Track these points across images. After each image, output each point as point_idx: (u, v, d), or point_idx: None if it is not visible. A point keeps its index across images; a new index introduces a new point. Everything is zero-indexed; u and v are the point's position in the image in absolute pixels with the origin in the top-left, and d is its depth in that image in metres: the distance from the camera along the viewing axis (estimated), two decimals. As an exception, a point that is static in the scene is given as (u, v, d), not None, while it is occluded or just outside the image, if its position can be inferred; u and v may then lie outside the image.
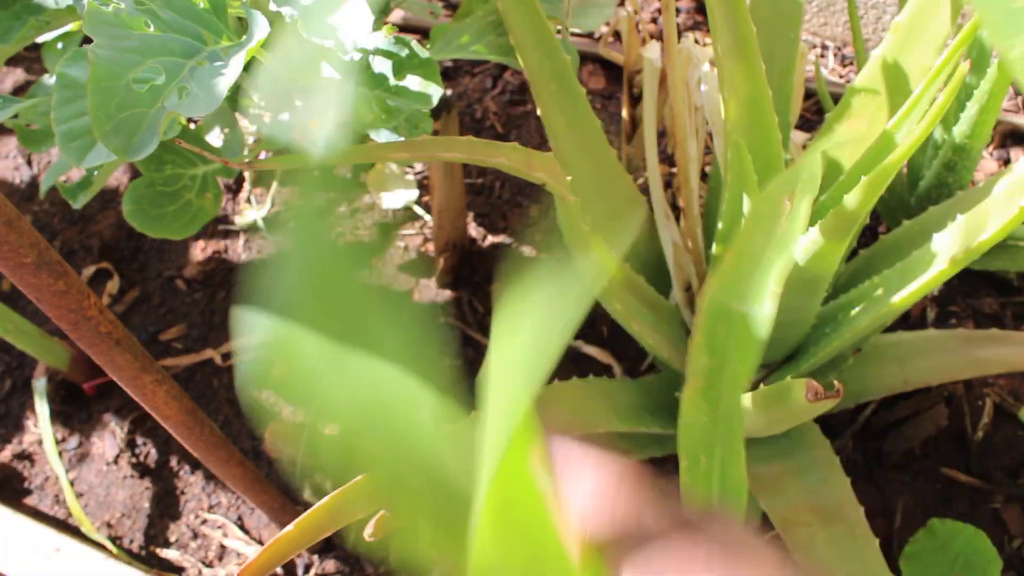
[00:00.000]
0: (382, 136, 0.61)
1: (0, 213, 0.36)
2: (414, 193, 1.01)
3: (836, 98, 1.01)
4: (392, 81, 0.54)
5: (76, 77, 0.48)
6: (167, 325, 0.94)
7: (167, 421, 0.54)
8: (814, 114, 1.05)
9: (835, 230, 0.55)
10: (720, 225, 0.64)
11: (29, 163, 1.08)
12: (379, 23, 0.58)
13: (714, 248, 0.68)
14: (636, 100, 0.81)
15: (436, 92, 0.53)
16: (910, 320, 0.90)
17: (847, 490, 0.70)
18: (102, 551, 0.79)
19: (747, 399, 0.56)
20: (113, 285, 0.96)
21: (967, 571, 0.71)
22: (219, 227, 1.00)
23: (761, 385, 0.55)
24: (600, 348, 0.88)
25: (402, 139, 0.58)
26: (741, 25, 0.57)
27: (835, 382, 0.55)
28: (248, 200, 1.02)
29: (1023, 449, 0.83)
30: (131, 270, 0.98)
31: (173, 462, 0.86)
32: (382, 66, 0.55)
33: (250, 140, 0.98)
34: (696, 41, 0.71)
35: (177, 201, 0.66)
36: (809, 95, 1.05)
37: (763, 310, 0.46)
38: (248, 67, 0.50)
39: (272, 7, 0.50)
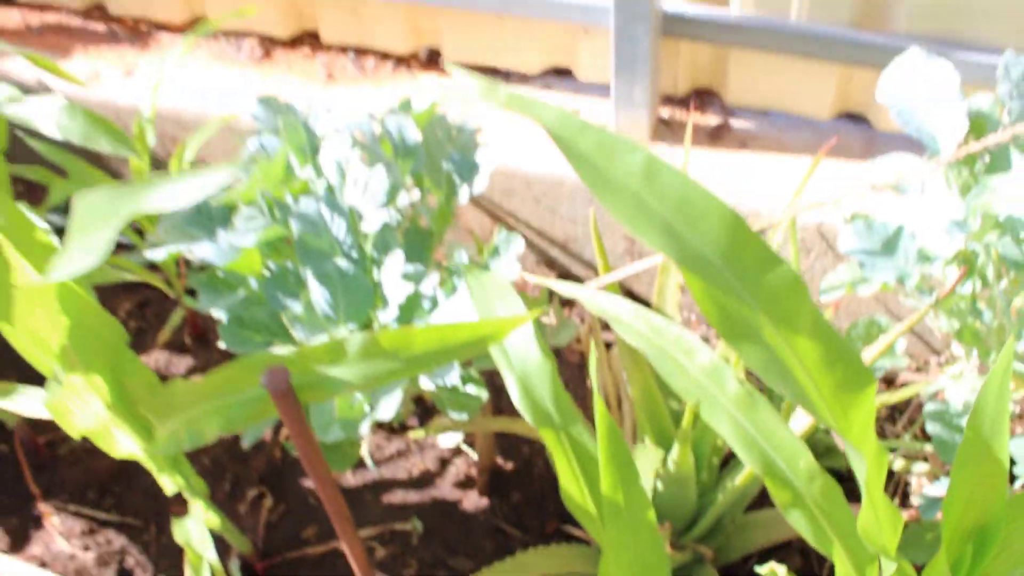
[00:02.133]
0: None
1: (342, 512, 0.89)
2: (460, 436, 1.55)
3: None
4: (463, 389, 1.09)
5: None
6: (306, 525, 1.45)
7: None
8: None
9: (684, 460, 1.08)
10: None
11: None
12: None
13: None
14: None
15: (485, 394, 1.08)
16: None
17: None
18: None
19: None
20: (268, 502, 1.49)
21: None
22: (334, 461, 1.54)
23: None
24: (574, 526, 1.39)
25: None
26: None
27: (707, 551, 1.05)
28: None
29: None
30: (279, 490, 1.50)
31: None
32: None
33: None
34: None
35: (341, 450, 1.19)
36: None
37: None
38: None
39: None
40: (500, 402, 1.52)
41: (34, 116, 1.11)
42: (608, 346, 1.48)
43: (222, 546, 1.41)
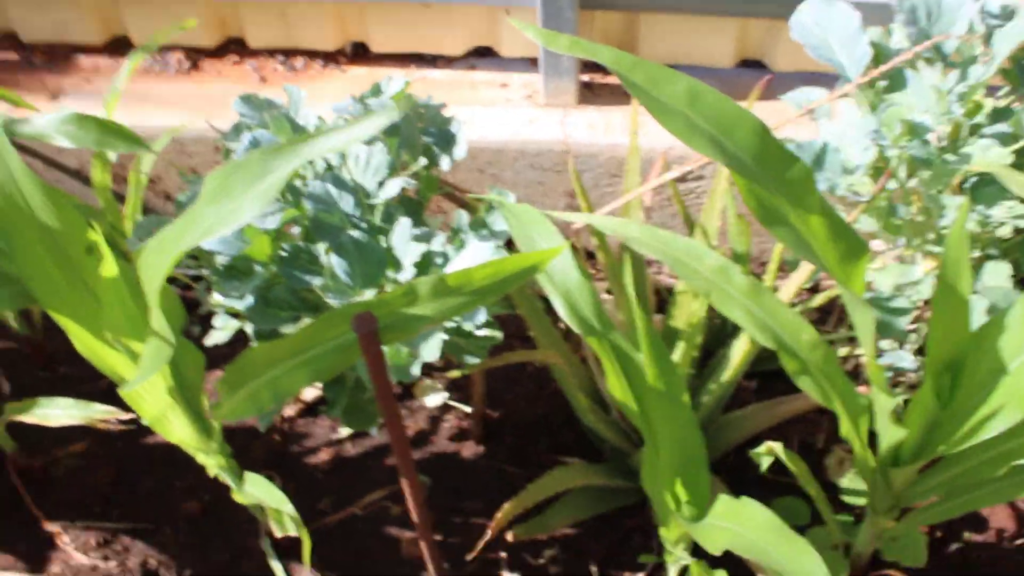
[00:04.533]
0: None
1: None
2: (446, 395, 1.67)
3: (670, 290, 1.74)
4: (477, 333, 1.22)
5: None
6: (319, 498, 1.55)
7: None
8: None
9: (684, 361, 1.25)
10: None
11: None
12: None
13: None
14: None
15: (499, 335, 1.21)
16: (743, 399, 1.59)
17: (723, 487, 1.38)
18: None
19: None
20: (278, 482, 1.57)
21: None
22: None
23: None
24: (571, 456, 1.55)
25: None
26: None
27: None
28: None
29: (817, 464, 1.52)
30: (286, 471, 1.59)
31: None
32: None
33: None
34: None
35: (366, 410, 1.30)
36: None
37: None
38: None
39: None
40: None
41: (44, 129, 1.18)
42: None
43: (254, 525, 1.50)
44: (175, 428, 1.16)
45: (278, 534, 1.20)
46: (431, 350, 1.12)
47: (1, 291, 1.05)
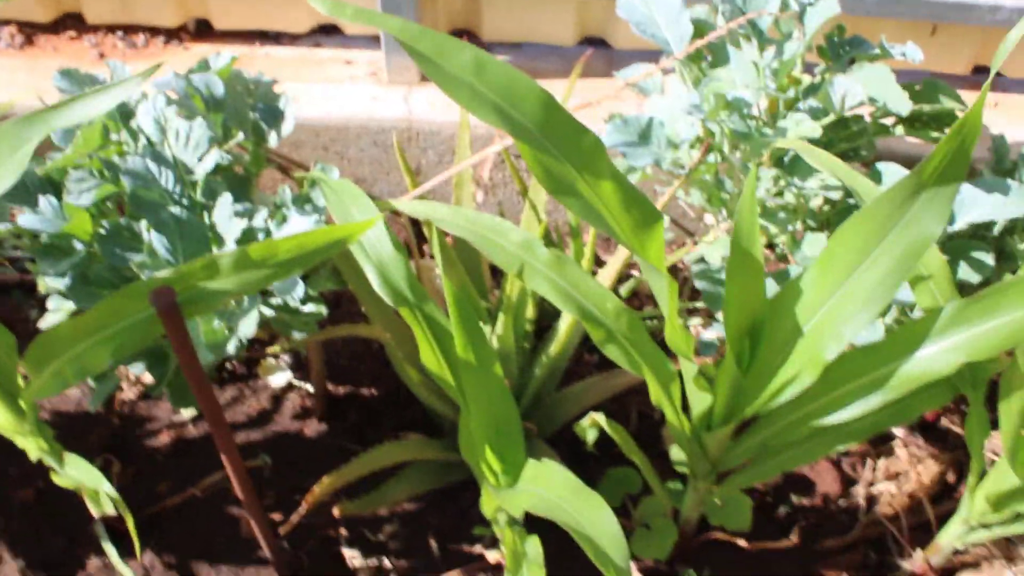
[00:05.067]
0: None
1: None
2: (290, 374, 1.66)
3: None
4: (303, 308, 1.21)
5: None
6: (158, 482, 1.52)
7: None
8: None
9: (507, 333, 1.26)
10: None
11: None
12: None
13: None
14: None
15: (324, 310, 1.21)
16: (583, 373, 1.62)
17: (556, 458, 1.40)
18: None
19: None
20: (116, 467, 1.54)
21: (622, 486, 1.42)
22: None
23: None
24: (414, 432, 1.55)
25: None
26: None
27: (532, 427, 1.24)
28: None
29: (655, 434, 1.56)
30: (125, 455, 1.56)
31: None
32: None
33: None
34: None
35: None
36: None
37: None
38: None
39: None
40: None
41: None
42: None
43: (88, 511, 1.46)
44: (-15, 414, 1.12)
45: (97, 515, 1.17)
46: (248, 326, 1.11)
47: None
